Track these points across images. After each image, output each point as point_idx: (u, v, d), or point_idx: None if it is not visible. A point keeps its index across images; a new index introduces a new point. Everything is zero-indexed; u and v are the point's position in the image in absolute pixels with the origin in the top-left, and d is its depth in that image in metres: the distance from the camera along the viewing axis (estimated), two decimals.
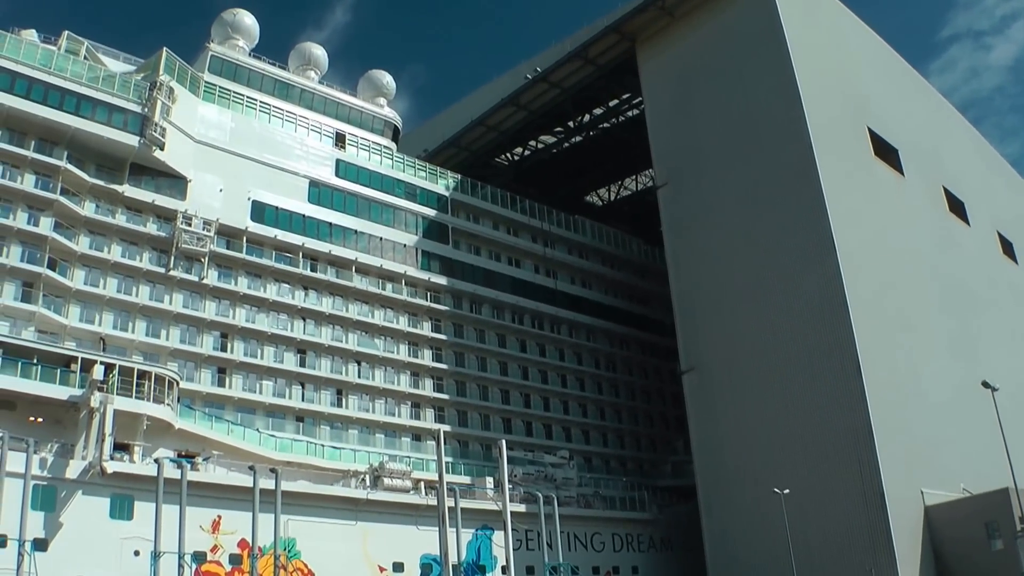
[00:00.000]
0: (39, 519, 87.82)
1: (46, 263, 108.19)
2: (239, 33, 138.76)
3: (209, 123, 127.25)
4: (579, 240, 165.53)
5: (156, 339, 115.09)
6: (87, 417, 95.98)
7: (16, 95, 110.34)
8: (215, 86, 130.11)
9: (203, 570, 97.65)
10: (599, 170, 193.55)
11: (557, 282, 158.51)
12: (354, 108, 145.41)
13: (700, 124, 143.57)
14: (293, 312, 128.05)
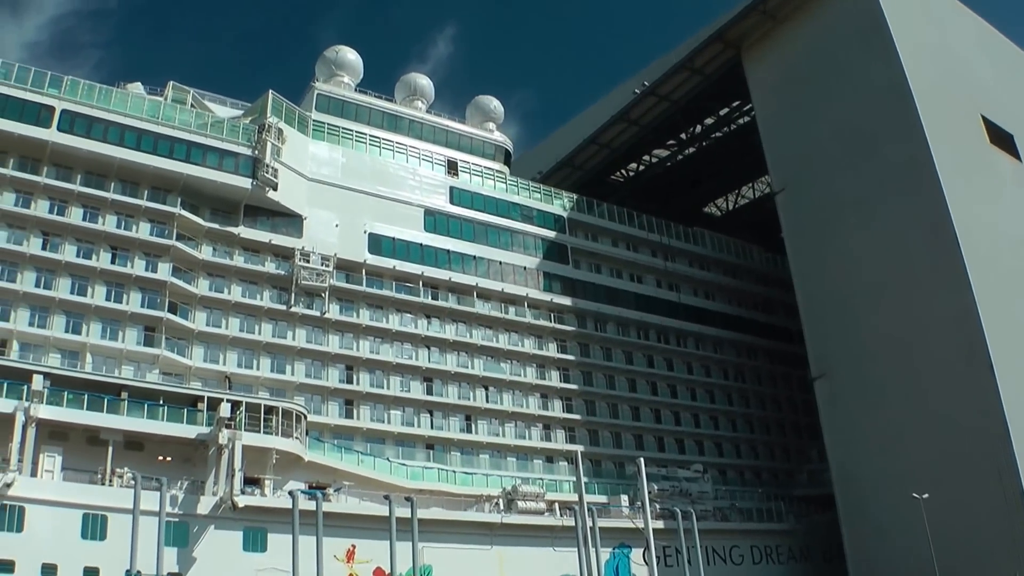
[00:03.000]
0: (173, 554, 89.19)
1: (166, 307, 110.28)
2: (343, 70, 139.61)
3: (320, 160, 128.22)
4: (700, 252, 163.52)
5: (281, 375, 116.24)
6: (216, 454, 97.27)
7: (127, 147, 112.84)
8: (323, 124, 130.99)
9: None
10: (715, 180, 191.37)
11: (680, 295, 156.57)
12: (464, 135, 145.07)
13: (812, 126, 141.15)
14: (417, 341, 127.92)
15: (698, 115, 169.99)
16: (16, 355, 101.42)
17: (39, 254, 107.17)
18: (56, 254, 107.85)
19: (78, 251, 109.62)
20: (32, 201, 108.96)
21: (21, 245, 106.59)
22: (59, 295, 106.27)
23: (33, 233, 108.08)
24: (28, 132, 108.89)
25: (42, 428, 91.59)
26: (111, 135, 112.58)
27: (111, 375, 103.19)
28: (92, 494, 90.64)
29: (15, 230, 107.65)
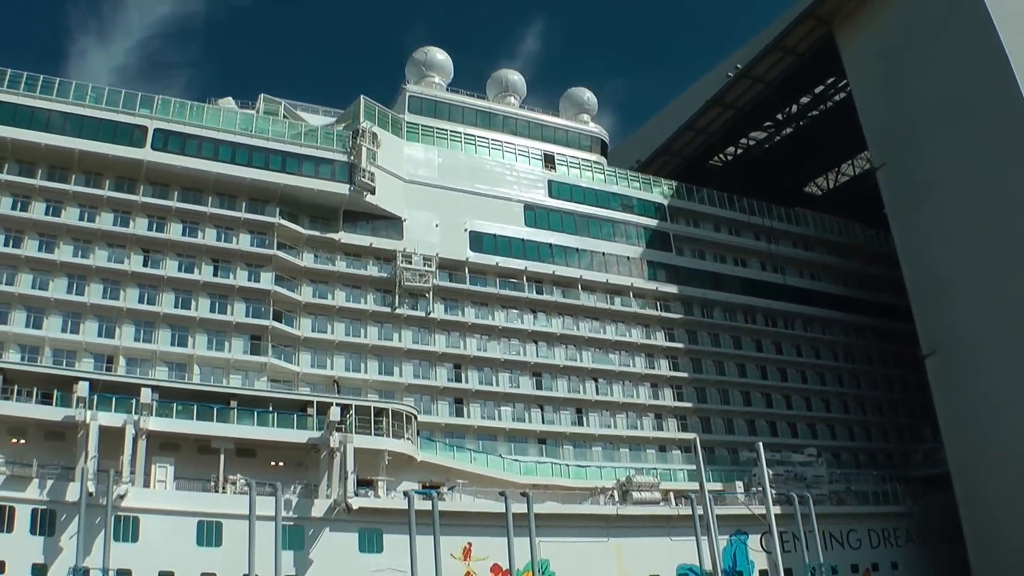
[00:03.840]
0: (289, 558, 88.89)
1: (271, 315, 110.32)
2: (433, 70, 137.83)
3: (417, 162, 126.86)
4: (803, 232, 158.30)
5: (390, 376, 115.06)
6: (328, 457, 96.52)
7: (222, 161, 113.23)
8: (417, 125, 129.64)
9: None
10: (814, 159, 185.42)
11: (785, 277, 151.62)
12: (559, 128, 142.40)
13: (909, 98, 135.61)
14: (524, 336, 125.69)
15: (793, 94, 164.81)
16: (123, 370, 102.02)
17: (140, 271, 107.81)
18: (158, 270, 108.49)
19: (179, 266, 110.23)
20: (130, 220, 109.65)
21: (122, 263, 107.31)
22: (163, 309, 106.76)
23: (133, 251, 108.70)
24: (123, 153, 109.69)
25: (153, 440, 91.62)
26: (205, 150, 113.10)
27: (219, 385, 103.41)
28: (206, 502, 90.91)
29: (115, 249, 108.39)
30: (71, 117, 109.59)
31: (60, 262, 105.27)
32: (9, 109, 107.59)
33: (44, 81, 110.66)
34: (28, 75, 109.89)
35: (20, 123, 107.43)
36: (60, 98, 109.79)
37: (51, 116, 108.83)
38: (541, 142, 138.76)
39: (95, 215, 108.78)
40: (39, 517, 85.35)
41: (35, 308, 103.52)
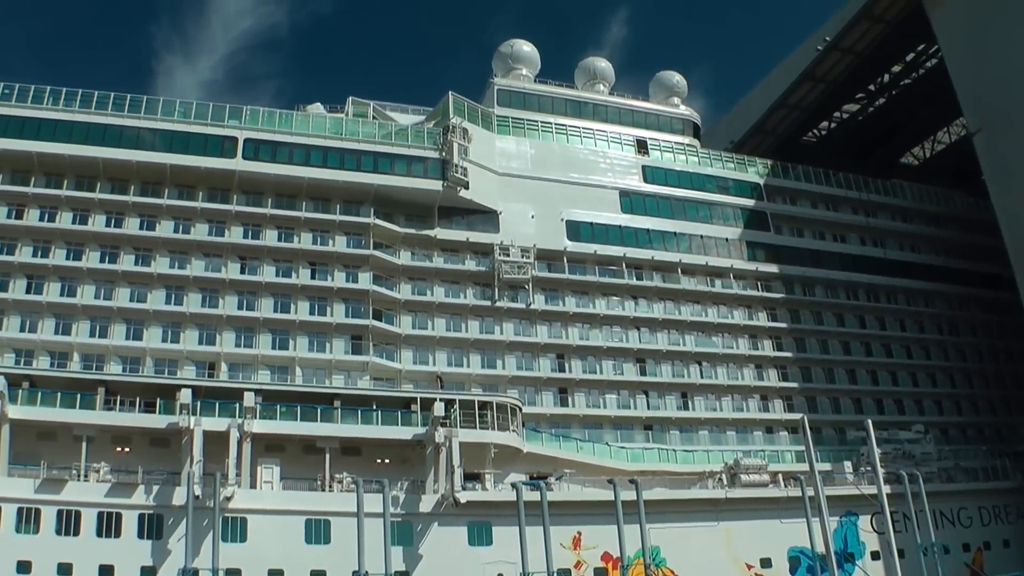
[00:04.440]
0: (398, 553, 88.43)
1: (371, 315, 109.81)
2: (520, 63, 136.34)
3: (509, 154, 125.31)
4: (901, 204, 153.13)
5: (492, 369, 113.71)
6: (434, 453, 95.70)
7: (313, 166, 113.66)
8: (507, 118, 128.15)
9: None
10: (909, 129, 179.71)
11: (886, 251, 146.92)
12: (651, 112, 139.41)
13: (1004, 60, 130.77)
14: (626, 323, 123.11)
15: (884, 64, 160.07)
16: (225, 375, 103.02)
17: (238, 278, 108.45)
18: (255, 276, 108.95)
19: (276, 271, 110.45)
20: (225, 229, 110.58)
21: (220, 272, 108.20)
22: (263, 314, 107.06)
23: (230, 259, 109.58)
24: (214, 164, 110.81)
25: (257, 442, 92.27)
26: (296, 156, 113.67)
27: (322, 385, 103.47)
28: (314, 500, 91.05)
29: (211, 258, 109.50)
30: (161, 133, 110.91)
31: (157, 274, 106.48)
32: (98, 129, 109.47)
33: (132, 100, 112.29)
34: (116, 95, 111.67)
35: (110, 142, 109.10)
36: (149, 115, 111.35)
37: (141, 133, 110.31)
38: (633, 128, 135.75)
39: (190, 227, 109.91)
40: (146, 521, 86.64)
41: (135, 320, 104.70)
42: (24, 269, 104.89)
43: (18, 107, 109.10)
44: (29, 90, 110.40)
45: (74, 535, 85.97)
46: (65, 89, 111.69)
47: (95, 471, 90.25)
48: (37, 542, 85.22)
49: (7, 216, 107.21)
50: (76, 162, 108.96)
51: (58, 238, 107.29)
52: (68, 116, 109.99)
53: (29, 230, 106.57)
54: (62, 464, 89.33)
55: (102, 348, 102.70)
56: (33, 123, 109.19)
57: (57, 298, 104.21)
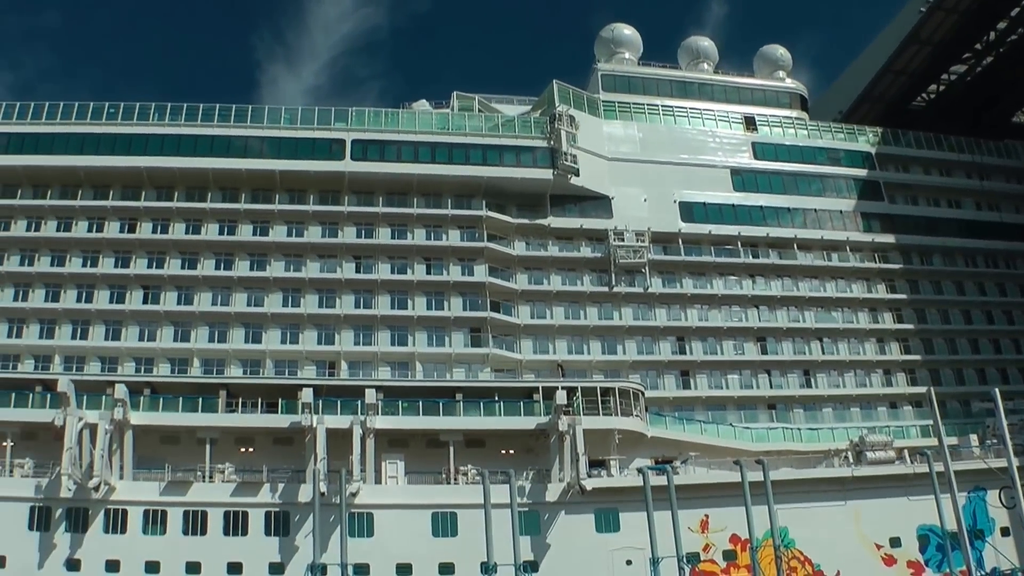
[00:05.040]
0: (526, 543, 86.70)
1: (488, 307, 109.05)
2: (622, 47, 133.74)
3: (617, 139, 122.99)
4: (1015, 165, 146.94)
5: (613, 355, 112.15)
6: (558, 441, 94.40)
7: (422, 162, 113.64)
8: (613, 103, 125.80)
9: (699, 570, 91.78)
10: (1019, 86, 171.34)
11: (1002, 214, 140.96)
12: (757, 88, 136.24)
13: None
14: (744, 302, 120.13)
15: (988, 21, 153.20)
16: (346, 373, 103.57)
17: (354, 277, 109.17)
18: (371, 275, 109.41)
19: (392, 268, 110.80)
20: (338, 230, 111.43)
21: (335, 272, 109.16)
22: (380, 312, 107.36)
23: (345, 259, 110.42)
24: (324, 167, 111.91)
25: (381, 437, 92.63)
26: (405, 154, 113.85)
27: (443, 379, 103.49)
28: (440, 494, 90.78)
29: (326, 259, 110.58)
30: (269, 140, 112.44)
31: (273, 278, 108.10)
32: (206, 141, 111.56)
33: (237, 110, 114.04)
34: (221, 106, 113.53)
35: (218, 152, 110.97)
36: (255, 124, 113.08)
37: (249, 142, 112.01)
38: (739, 105, 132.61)
39: (303, 230, 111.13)
40: (272, 519, 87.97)
41: (253, 324, 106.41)
42: (140, 280, 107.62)
43: (125, 125, 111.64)
44: (134, 108, 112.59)
45: (201, 534, 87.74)
46: (170, 104, 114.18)
47: (220, 472, 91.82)
48: (164, 542, 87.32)
49: (120, 230, 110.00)
50: (186, 174, 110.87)
51: (172, 249, 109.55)
52: (176, 130, 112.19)
53: (143, 243, 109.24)
54: (187, 466, 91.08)
55: (222, 352, 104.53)
56: (140, 139, 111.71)
57: (175, 306, 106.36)
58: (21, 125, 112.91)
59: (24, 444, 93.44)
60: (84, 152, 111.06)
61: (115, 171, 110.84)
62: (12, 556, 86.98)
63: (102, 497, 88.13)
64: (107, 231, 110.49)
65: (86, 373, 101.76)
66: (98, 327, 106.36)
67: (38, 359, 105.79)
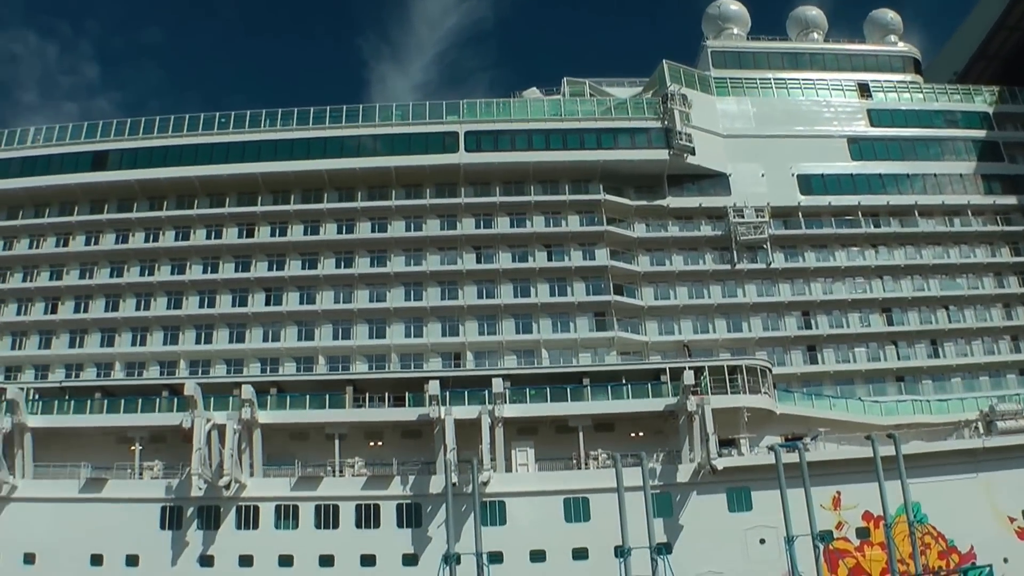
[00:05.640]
0: (659, 525, 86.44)
1: (611, 290, 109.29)
2: (730, 22, 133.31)
3: (731, 115, 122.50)
4: None
5: (739, 333, 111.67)
6: (687, 422, 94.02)
7: (536, 150, 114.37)
8: (725, 79, 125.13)
9: (832, 548, 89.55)
10: None
11: None
12: (868, 55, 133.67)
13: None
14: (868, 273, 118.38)
15: None
16: (471, 364, 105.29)
17: (475, 268, 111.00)
18: (492, 264, 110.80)
19: (513, 256, 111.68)
20: (457, 222, 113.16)
21: (456, 264, 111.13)
22: (503, 301, 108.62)
23: (465, 250, 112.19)
24: (439, 161, 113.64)
25: (509, 426, 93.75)
26: (519, 142, 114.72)
27: (569, 365, 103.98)
28: (571, 479, 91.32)
29: (446, 252, 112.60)
30: (382, 138, 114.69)
31: (394, 273, 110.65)
32: (319, 143, 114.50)
33: (348, 110, 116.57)
34: (331, 108, 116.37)
35: (332, 153, 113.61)
36: (367, 122, 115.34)
37: (362, 140, 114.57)
38: (852, 72, 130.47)
39: (421, 224, 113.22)
40: (404, 511, 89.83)
41: (376, 319, 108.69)
42: (261, 283, 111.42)
43: (236, 133, 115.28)
44: (245, 116, 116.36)
45: (333, 528, 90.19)
46: (280, 110, 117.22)
47: (350, 466, 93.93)
48: (297, 536, 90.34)
49: (238, 236, 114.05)
50: (302, 176, 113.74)
51: (291, 250, 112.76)
52: (288, 135, 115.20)
53: (262, 246, 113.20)
54: (316, 462, 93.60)
55: (346, 349, 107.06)
56: (253, 146, 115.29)
57: (297, 306, 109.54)
58: (134, 140, 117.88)
59: (153, 447, 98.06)
60: (198, 162, 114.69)
61: (230, 179, 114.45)
62: (145, 554, 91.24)
63: (233, 495, 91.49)
64: (225, 237, 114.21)
65: (212, 376, 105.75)
66: (222, 330, 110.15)
67: (163, 365, 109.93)
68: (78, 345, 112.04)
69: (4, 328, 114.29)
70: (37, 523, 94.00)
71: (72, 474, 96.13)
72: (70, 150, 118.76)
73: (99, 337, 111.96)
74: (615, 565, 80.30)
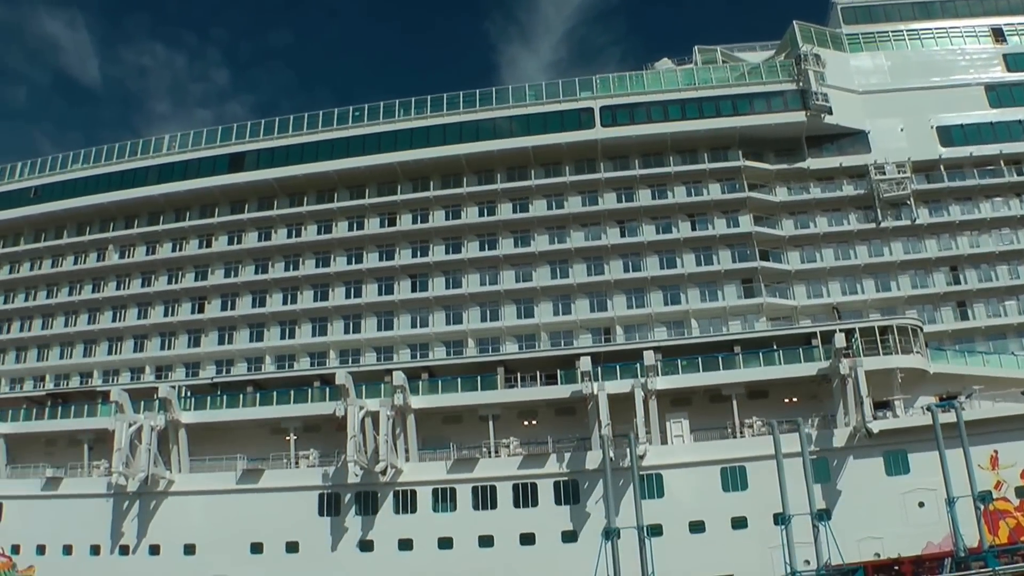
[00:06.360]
0: (816, 491, 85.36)
1: (757, 256, 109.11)
2: None
3: (865, 71, 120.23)
4: None
5: (887, 292, 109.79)
6: (840, 385, 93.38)
7: (672, 120, 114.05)
8: (856, 35, 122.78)
9: (992, 508, 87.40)
10: None
11: None
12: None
13: None
14: (1014, 223, 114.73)
15: None
16: (621, 338, 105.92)
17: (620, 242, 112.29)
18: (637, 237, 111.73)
19: (656, 228, 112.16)
20: (598, 197, 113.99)
21: (600, 239, 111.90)
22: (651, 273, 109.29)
23: (608, 225, 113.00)
24: (576, 137, 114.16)
25: (662, 398, 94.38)
26: (655, 114, 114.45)
27: (719, 334, 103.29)
28: (727, 448, 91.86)
29: (590, 227, 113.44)
30: (517, 119, 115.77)
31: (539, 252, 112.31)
32: (455, 128, 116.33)
33: (482, 94, 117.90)
34: (464, 93, 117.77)
35: (468, 138, 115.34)
36: (501, 105, 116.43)
37: (497, 123, 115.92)
38: (985, 17, 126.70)
39: (562, 201, 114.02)
40: (561, 488, 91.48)
41: (524, 299, 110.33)
42: (406, 271, 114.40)
43: (371, 125, 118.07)
44: (379, 107, 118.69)
45: (491, 508, 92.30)
46: (414, 99, 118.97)
47: (505, 446, 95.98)
48: (455, 519, 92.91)
49: (380, 226, 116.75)
50: (440, 163, 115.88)
51: (435, 236, 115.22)
52: (424, 122, 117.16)
53: (405, 234, 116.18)
54: (471, 444, 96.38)
55: (495, 331, 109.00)
56: (390, 136, 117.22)
57: (444, 291, 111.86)
58: (269, 140, 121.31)
59: (307, 436, 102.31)
60: (334, 157, 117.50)
61: (369, 170, 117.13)
62: (305, 541, 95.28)
63: (390, 480, 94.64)
64: (367, 228, 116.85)
65: (362, 364, 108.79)
66: (370, 319, 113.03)
67: (313, 356, 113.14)
68: (227, 342, 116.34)
69: (153, 329, 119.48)
70: (195, 515, 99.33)
71: (227, 466, 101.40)
72: (206, 154, 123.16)
73: (248, 333, 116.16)
74: (775, 533, 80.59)
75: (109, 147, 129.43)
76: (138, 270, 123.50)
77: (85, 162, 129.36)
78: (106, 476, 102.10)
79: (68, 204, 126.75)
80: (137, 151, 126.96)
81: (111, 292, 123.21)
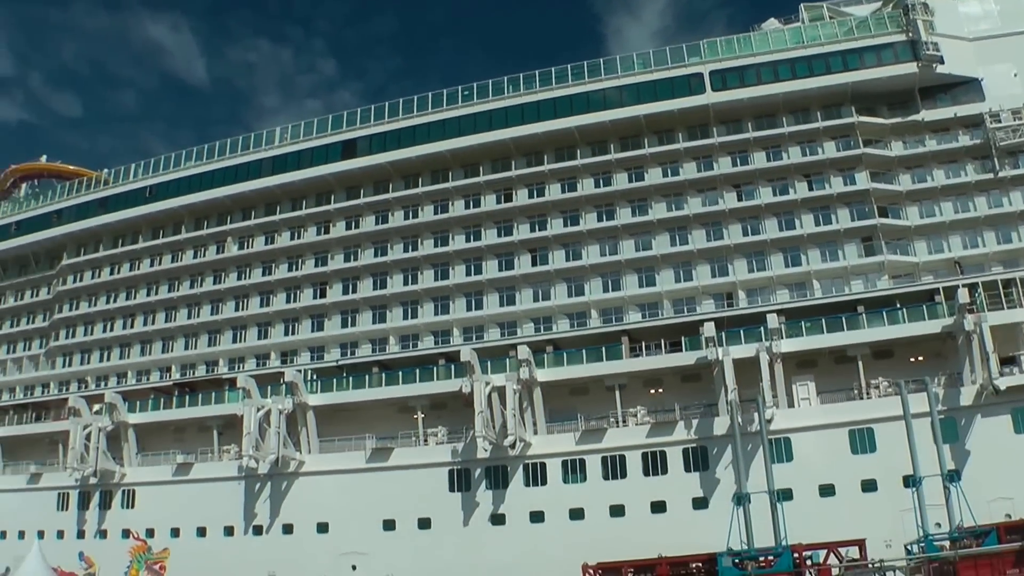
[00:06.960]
0: (945, 451, 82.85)
1: (876, 213, 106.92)
2: None
3: (975, 17, 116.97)
4: None
5: (1009, 244, 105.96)
6: (965, 342, 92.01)
7: (782, 80, 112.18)
8: None
9: None
10: None
11: None
12: None
13: None
14: None
15: None
16: (744, 302, 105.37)
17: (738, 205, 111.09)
18: (754, 200, 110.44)
19: (773, 190, 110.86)
20: (713, 162, 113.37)
21: (717, 204, 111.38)
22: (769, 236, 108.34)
23: (725, 189, 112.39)
24: (687, 103, 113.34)
25: (787, 361, 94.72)
26: (765, 75, 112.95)
27: (842, 294, 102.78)
28: (855, 410, 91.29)
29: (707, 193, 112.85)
30: (627, 88, 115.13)
31: (657, 220, 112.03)
32: (565, 101, 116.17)
33: (590, 65, 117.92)
34: (572, 65, 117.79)
35: (579, 110, 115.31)
36: (610, 75, 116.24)
37: (607, 93, 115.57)
38: None
39: (678, 168, 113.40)
40: (690, 455, 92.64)
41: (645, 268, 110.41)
42: (526, 245, 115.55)
43: (482, 103, 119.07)
44: (487, 85, 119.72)
45: (621, 478, 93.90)
46: (522, 74, 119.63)
47: (632, 415, 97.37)
48: (585, 489, 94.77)
49: (496, 202, 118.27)
50: (554, 136, 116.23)
51: (552, 209, 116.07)
52: (533, 97, 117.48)
53: (522, 209, 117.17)
54: (598, 414, 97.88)
55: (618, 300, 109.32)
56: (500, 113, 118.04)
57: (564, 264, 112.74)
58: (380, 125, 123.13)
59: (434, 414, 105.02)
60: (446, 136, 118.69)
61: (482, 148, 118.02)
62: (436, 516, 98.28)
63: (519, 453, 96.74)
64: (484, 205, 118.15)
65: (487, 340, 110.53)
66: (491, 295, 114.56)
67: (436, 334, 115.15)
68: (350, 324, 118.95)
69: (276, 316, 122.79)
70: (327, 494, 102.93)
71: (356, 446, 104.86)
72: (319, 143, 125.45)
73: (370, 315, 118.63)
74: (905, 496, 79.10)
75: (221, 143, 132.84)
76: (258, 260, 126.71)
77: (198, 159, 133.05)
78: (236, 460, 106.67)
79: (184, 200, 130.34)
80: (249, 145, 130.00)
81: (232, 283, 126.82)
